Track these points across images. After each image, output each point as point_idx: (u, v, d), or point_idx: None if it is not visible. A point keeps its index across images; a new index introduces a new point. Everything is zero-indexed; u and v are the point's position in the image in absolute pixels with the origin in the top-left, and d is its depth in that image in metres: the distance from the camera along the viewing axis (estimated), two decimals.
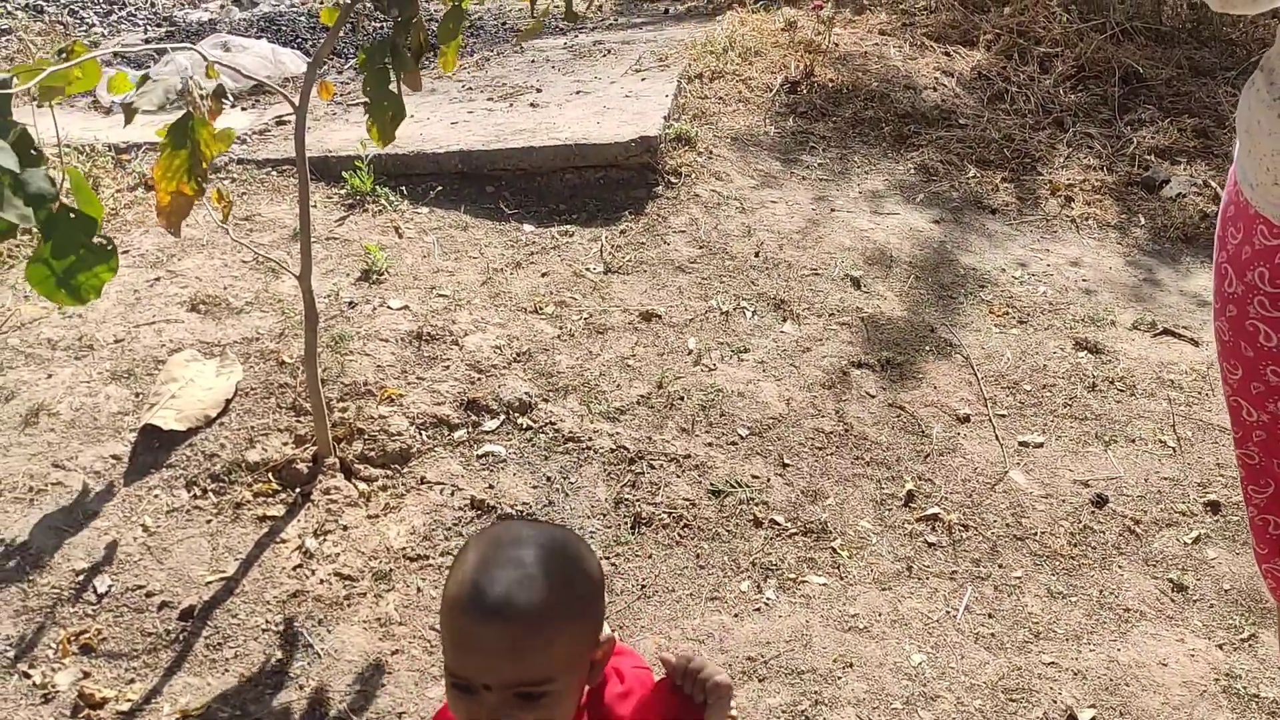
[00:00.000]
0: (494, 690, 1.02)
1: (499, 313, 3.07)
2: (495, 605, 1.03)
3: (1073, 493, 2.61)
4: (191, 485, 2.50)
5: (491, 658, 1.02)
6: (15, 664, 2.10)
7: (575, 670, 1.07)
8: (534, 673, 1.03)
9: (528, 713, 1.03)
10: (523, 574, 1.04)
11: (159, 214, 2.20)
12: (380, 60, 2.21)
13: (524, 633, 1.02)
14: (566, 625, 1.05)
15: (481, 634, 1.02)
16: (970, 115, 4.41)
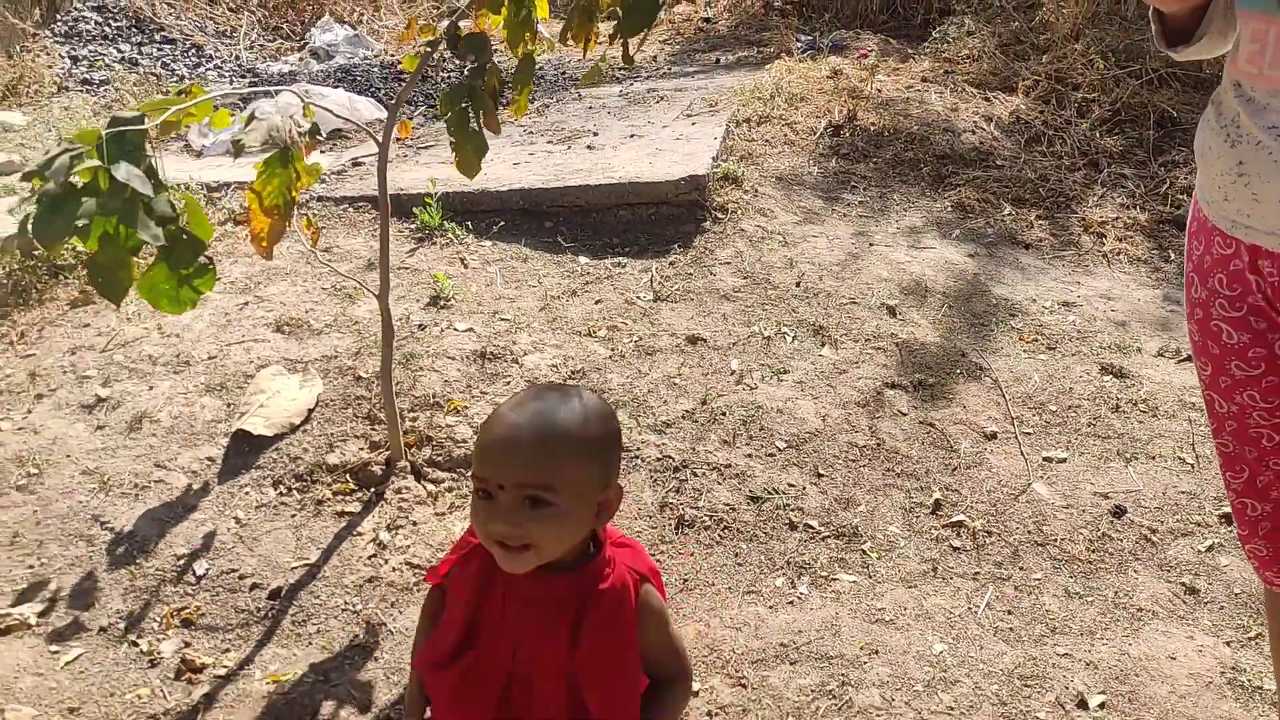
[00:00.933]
0: (506, 490, 1.25)
1: (555, 335, 3.32)
2: (516, 417, 1.28)
3: (1093, 504, 2.77)
4: (278, 484, 2.76)
5: (507, 458, 1.26)
6: (126, 635, 2.36)
7: (579, 497, 1.28)
8: (540, 477, 1.25)
9: (532, 521, 1.25)
10: (545, 404, 1.30)
11: (254, 239, 2.49)
12: (460, 102, 2.48)
13: (536, 440, 1.26)
14: (575, 449, 1.28)
15: (502, 439, 1.27)
16: (1007, 157, 4.61)
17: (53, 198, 1.75)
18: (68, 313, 3.43)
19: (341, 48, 6.54)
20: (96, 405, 2.99)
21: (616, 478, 1.37)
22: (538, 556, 1.29)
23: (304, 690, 2.22)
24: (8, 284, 3.51)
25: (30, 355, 3.22)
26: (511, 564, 1.30)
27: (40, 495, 2.68)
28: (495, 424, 1.30)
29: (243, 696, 2.22)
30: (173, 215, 2.03)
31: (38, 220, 1.73)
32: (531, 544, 1.27)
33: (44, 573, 2.49)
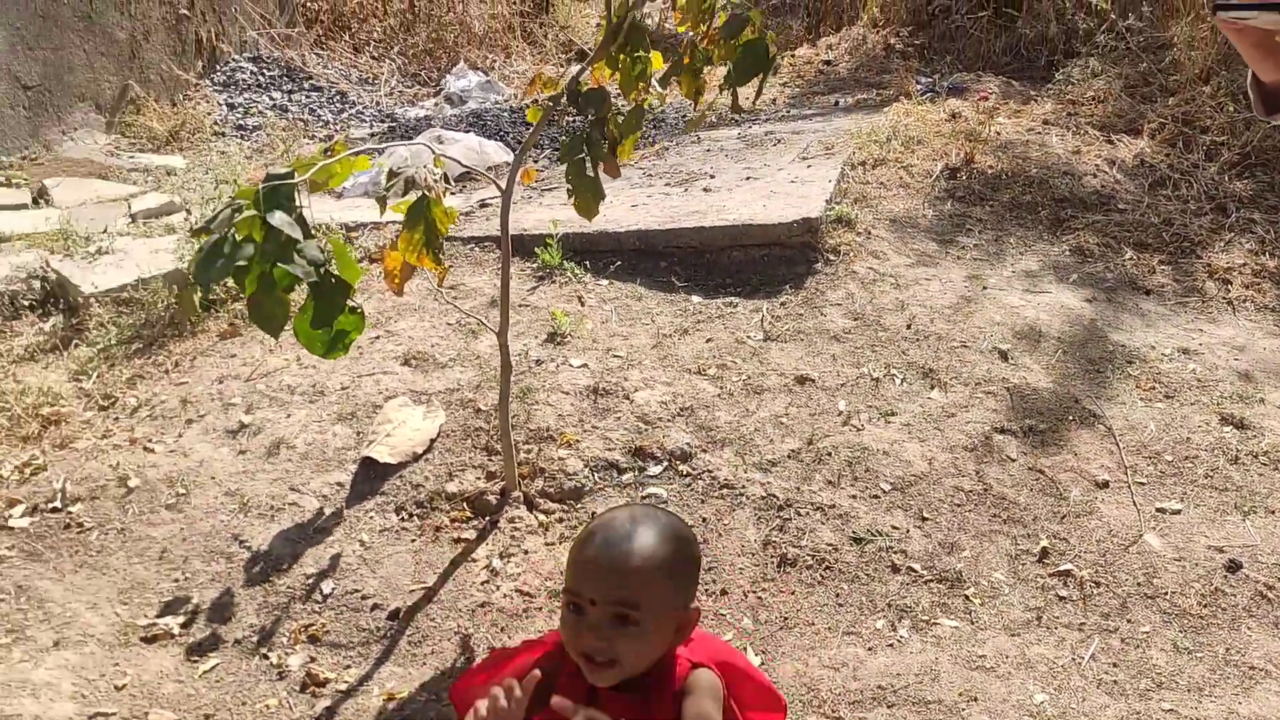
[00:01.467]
0: (597, 606, 1.34)
1: (666, 372, 3.42)
2: (610, 533, 1.39)
3: (1206, 557, 2.72)
4: (400, 510, 2.92)
5: (600, 576, 1.36)
6: (258, 648, 2.53)
7: (662, 616, 1.37)
8: (630, 594, 1.34)
9: (619, 638, 1.34)
10: (637, 527, 1.39)
11: (387, 276, 2.66)
12: (578, 152, 2.61)
13: (628, 561, 1.36)
14: (662, 571, 1.38)
15: (597, 557, 1.37)
16: (1130, 200, 4.54)
17: (212, 244, 1.94)
18: (217, 344, 3.69)
19: (474, 93, 6.82)
20: (240, 431, 3.21)
21: (694, 599, 1.47)
22: (621, 672, 1.39)
23: (416, 708, 2.35)
24: (165, 317, 3.79)
25: (183, 383, 3.47)
26: (597, 678, 1.41)
27: (187, 514, 2.90)
28: (589, 542, 1.42)
29: (361, 711, 2.36)
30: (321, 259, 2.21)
31: (199, 267, 1.91)
32: (617, 660, 1.38)
33: (187, 587, 2.69)
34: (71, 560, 2.73)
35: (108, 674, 2.40)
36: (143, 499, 2.93)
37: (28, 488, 2.95)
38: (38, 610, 2.55)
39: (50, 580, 2.65)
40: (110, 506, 2.90)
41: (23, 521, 2.83)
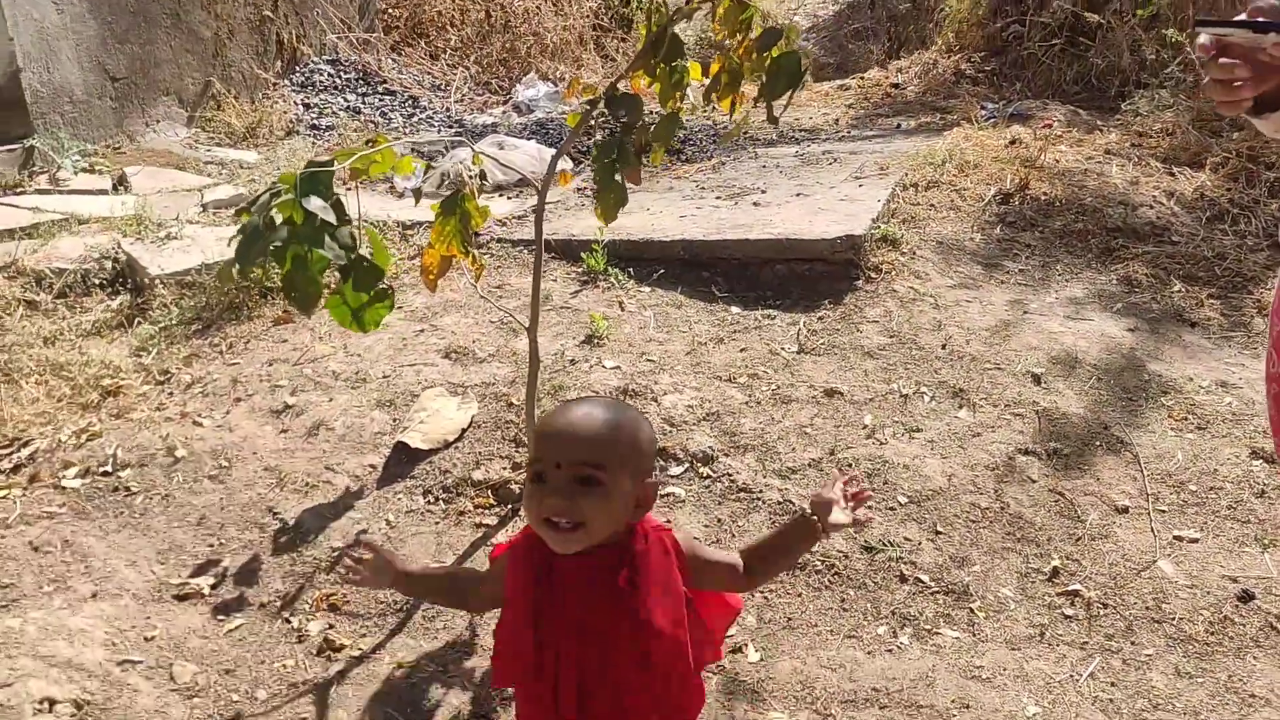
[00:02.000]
0: (561, 469, 1.40)
1: (697, 378, 3.49)
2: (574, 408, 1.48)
3: (1219, 586, 2.70)
4: (428, 493, 3.04)
5: (564, 440, 1.43)
6: (280, 612, 2.66)
7: (623, 482, 1.43)
8: (593, 456, 1.41)
9: (583, 498, 1.40)
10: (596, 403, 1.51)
11: (423, 272, 2.78)
12: (608, 156, 2.70)
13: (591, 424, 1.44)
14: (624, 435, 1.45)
15: (559, 426, 1.45)
16: (1185, 233, 4.50)
17: (253, 228, 2.07)
18: (270, 329, 3.85)
19: (542, 103, 6.98)
20: (284, 411, 3.36)
21: (652, 475, 1.53)
22: (587, 536, 1.43)
23: (424, 677, 2.45)
24: (225, 302, 3.98)
25: (235, 364, 3.64)
26: (562, 543, 1.44)
27: (227, 485, 3.05)
28: (554, 416, 1.50)
29: (372, 677, 2.47)
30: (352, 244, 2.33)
31: (239, 246, 2.05)
32: (582, 522, 1.41)
33: (221, 552, 2.83)
34: (116, 520, 2.89)
35: (139, 626, 2.55)
36: (188, 469, 3.08)
37: (83, 452, 3.13)
38: (80, 564, 2.71)
39: (95, 537, 2.81)
40: (157, 474, 3.06)
41: (75, 482, 3.00)
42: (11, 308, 3.84)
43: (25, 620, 2.48)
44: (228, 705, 2.38)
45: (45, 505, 2.92)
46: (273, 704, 2.39)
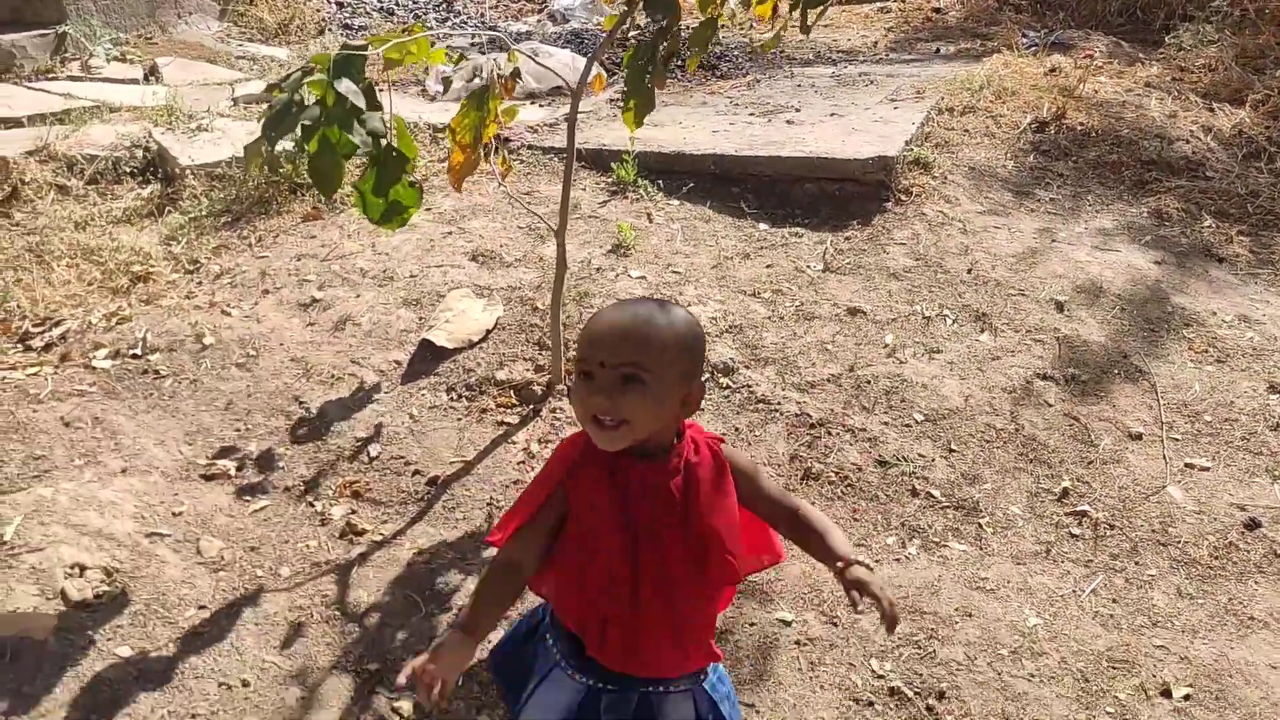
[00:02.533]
0: (605, 368, 1.41)
1: (721, 292, 3.50)
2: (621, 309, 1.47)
3: (1227, 513, 2.73)
4: (451, 390, 3.08)
5: (610, 341, 1.43)
6: (304, 496, 2.73)
7: (669, 382, 1.43)
8: (636, 355, 1.41)
9: (627, 392, 1.41)
10: (643, 305, 1.48)
11: (450, 170, 2.79)
12: (641, 60, 2.69)
13: (636, 325, 1.43)
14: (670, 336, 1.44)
15: (605, 326, 1.45)
16: (1220, 169, 4.44)
17: (283, 104, 2.08)
18: (300, 225, 3.88)
19: (577, 13, 6.89)
20: (311, 305, 3.40)
21: (700, 377, 1.53)
22: (630, 433, 1.43)
23: (442, 563, 2.52)
24: (254, 195, 4.00)
25: (263, 257, 3.67)
26: (607, 440, 1.44)
27: (254, 374, 3.10)
28: (600, 317, 1.49)
29: (391, 560, 2.54)
30: (382, 130, 2.34)
31: (268, 121, 2.06)
32: (625, 419, 1.42)
33: (247, 437, 2.89)
34: (145, 401, 2.95)
35: (167, 502, 2.62)
36: (215, 356, 3.14)
37: (112, 334, 3.18)
38: (110, 440, 2.78)
39: (124, 417, 2.88)
40: (185, 359, 3.12)
41: (105, 363, 3.06)
42: (43, 191, 3.88)
43: (57, 490, 2.56)
44: (252, 580, 2.46)
45: (76, 384, 2.98)
46: (295, 581, 2.47)
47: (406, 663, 1.52)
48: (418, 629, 2.35)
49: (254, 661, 2.24)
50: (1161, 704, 2.20)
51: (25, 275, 3.42)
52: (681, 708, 1.64)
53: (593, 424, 1.45)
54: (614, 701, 1.61)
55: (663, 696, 1.62)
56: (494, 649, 1.77)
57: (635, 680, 1.60)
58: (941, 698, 2.21)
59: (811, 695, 2.22)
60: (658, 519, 1.49)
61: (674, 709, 1.63)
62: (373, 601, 2.42)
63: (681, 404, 1.49)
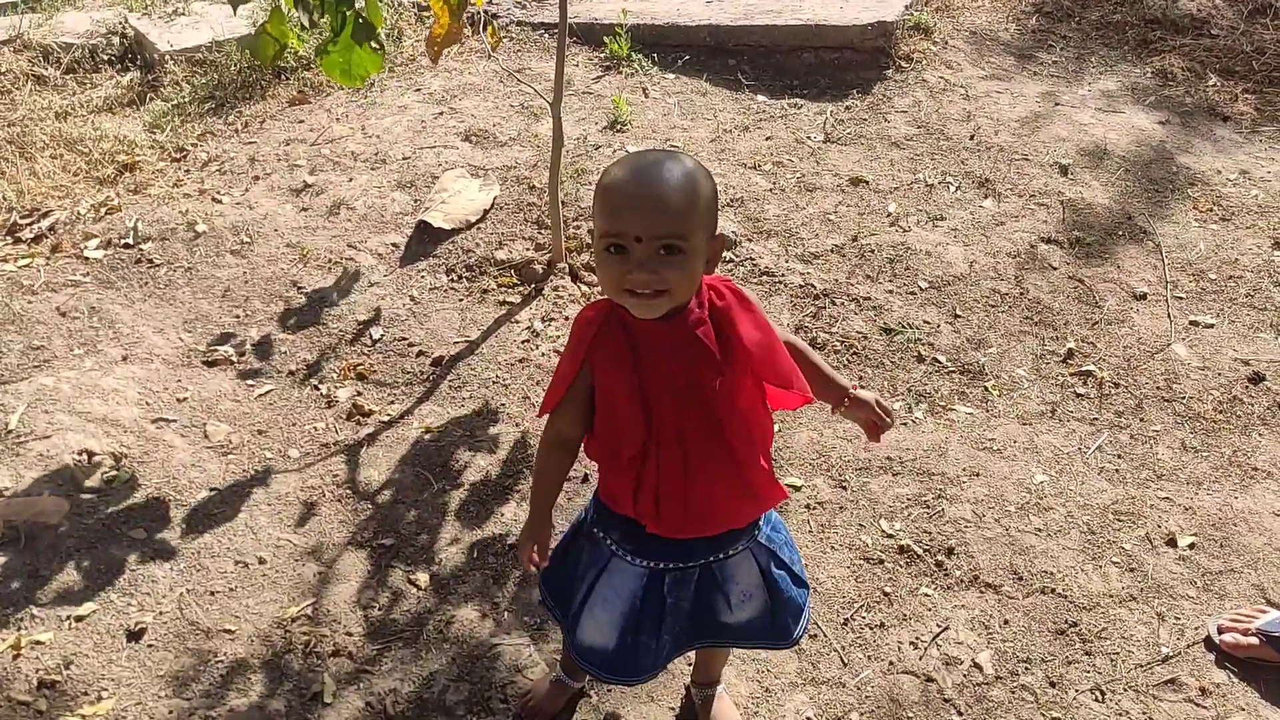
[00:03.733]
0: (643, 242, 1.31)
1: (721, 165, 3.44)
2: (643, 174, 1.34)
3: (1230, 368, 2.74)
4: (450, 272, 3.05)
5: (645, 213, 1.31)
6: (308, 379, 2.72)
7: (700, 246, 1.36)
8: (677, 226, 1.32)
9: (667, 267, 1.33)
10: (669, 160, 1.36)
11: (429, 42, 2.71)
12: None
13: (670, 194, 1.32)
14: (701, 198, 1.35)
15: (640, 194, 1.32)
16: (1225, 26, 4.33)
17: None
18: (286, 109, 3.79)
19: None
20: (303, 190, 3.34)
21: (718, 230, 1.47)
22: (670, 300, 1.37)
23: (450, 440, 2.52)
24: (238, 80, 3.89)
25: (251, 143, 3.60)
26: (646, 309, 1.38)
27: (250, 260, 3.06)
28: (624, 183, 1.35)
29: (400, 440, 2.54)
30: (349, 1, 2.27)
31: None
32: (667, 289, 1.35)
33: (247, 323, 2.87)
34: (141, 290, 2.92)
35: (171, 388, 2.61)
36: (209, 243, 3.09)
37: (103, 224, 3.13)
38: (108, 329, 2.75)
39: (120, 306, 2.85)
40: (179, 248, 3.07)
41: (97, 253, 3.01)
42: (20, 82, 3.78)
43: (59, 379, 2.55)
44: (261, 462, 2.46)
45: (69, 274, 2.94)
46: (305, 462, 2.48)
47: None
48: (430, 504, 2.36)
49: (269, 540, 2.26)
50: (1167, 553, 2.23)
51: (9, 168, 3.35)
52: (743, 569, 1.63)
53: (629, 296, 1.38)
54: (676, 580, 1.60)
55: (723, 563, 1.61)
56: (542, 574, 1.74)
57: (694, 551, 1.58)
58: (950, 553, 2.24)
59: (823, 555, 2.25)
60: (697, 370, 1.44)
61: (737, 572, 1.63)
62: (384, 479, 2.43)
63: (709, 261, 1.43)
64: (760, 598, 1.65)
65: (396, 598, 2.14)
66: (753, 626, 1.67)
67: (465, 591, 2.15)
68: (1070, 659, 2.03)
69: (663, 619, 1.61)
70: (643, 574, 1.58)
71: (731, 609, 1.64)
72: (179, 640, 2.03)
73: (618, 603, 1.60)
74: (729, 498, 1.51)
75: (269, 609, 2.11)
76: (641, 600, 1.60)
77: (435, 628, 2.08)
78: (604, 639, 1.62)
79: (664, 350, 1.43)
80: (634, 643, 1.61)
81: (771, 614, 1.66)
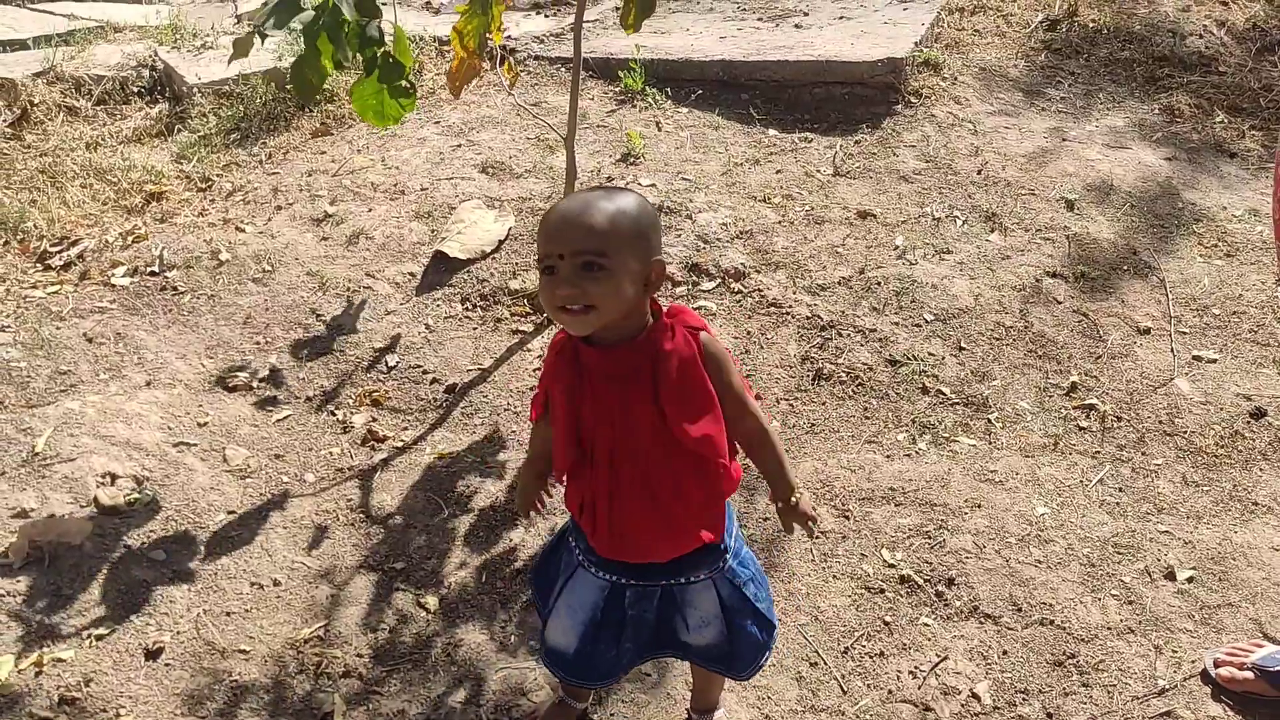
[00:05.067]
0: (565, 259, 1.43)
1: (731, 198, 3.51)
2: (570, 200, 1.49)
3: (1233, 404, 2.77)
4: (465, 300, 3.12)
5: (568, 231, 1.44)
6: (325, 405, 2.78)
7: (629, 263, 1.45)
8: (597, 243, 1.43)
9: (589, 282, 1.42)
10: (593, 193, 1.50)
11: (450, 76, 2.80)
12: None
13: (590, 212, 1.44)
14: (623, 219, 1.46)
15: (560, 217, 1.46)
16: (1233, 64, 4.38)
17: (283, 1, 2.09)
18: (309, 140, 3.89)
19: None
20: (324, 220, 3.42)
21: (659, 255, 1.55)
22: (598, 317, 1.46)
23: (463, 466, 2.58)
24: (263, 112, 4.00)
25: (274, 173, 3.69)
26: (576, 325, 1.48)
27: (270, 288, 3.14)
28: (551, 211, 1.51)
29: (413, 465, 2.60)
30: (379, 39, 2.35)
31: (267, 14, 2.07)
32: (592, 305, 1.44)
33: (267, 349, 2.94)
34: (165, 317, 3.00)
35: (192, 413, 2.68)
36: (232, 271, 3.18)
37: (130, 252, 3.22)
38: (133, 355, 2.83)
39: (145, 332, 2.93)
40: (203, 275, 3.15)
41: (124, 280, 3.10)
42: (53, 113, 3.89)
43: (84, 403, 2.62)
44: (278, 486, 2.53)
45: (97, 301, 3.03)
46: (320, 486, 2.54)
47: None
48: (440, 529, 2.42)
49: (284, 562, 2.32)
50: (1166, 586, 2.27)
51: (40, 196, 3.45)
52: (703, 597, 1.69)
53: (561, 313, 1.48)
54: (638, 595, 1.68)
55: (684, 588, 1.68)
56: (533, 571, 1.85)
57: (651, 572, 1.66)
58: (951, 584, 2.28)
59: (824, 585, 2.29)
60: (630, 402, 1.53)
61: (696, 599, 1.69)
62: (396, 504, 2.49)
63: (644, 285, 1.51)
64: (718, 627, 1.71)
65: (406, 620, 2.20)
66: (711, 653, 1.74)
67: (473, 615, 2.21)
68: (1068, 690, 2.06)
69: (623, 629, 1.69)
70: (605, 586, 1.68)
71: (690, 631, 1.71)
72: (195, 660, 2.09)
73: (580, 610, 1.70)
74: (648, 529, 1.60)
75: (282, 630, 2.17)
76: (602, 611, 1.68)
77: (443, 650, 2.13)
78: (566, 642, 1.72)
79: (601, 375, 1.53)
80: (592, 649, 1.71)
81: (729, 644, 1.72)
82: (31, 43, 4.29)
